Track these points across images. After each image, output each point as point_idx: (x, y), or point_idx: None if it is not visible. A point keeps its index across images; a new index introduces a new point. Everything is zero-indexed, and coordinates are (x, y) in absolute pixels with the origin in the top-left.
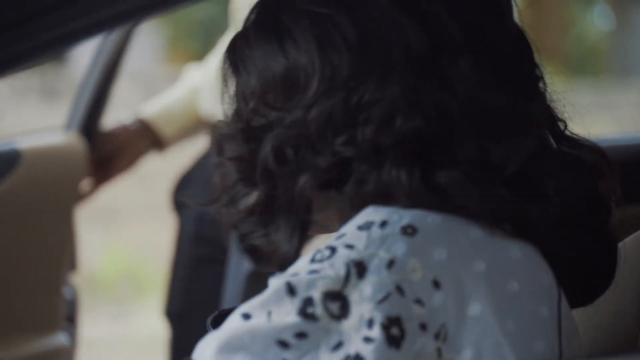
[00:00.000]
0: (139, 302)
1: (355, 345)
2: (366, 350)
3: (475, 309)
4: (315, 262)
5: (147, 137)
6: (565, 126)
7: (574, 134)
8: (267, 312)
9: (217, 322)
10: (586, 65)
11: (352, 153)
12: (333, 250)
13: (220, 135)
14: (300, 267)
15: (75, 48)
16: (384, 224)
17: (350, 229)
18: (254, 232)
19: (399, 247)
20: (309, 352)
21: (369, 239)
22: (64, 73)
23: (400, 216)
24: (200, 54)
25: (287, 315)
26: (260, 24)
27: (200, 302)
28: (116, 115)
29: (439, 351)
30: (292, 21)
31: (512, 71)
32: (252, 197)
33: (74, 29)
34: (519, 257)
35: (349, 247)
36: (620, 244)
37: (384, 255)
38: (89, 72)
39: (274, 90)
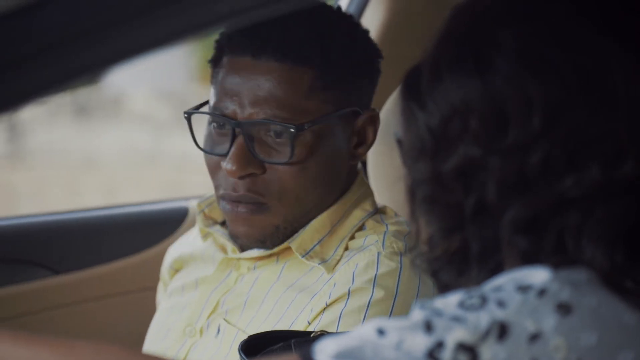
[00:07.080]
0: None
1: None
2: None
3: None
4: (463, 309)
5: None
6: None
7: None
8: (400, 337)
9: (248, 348)
10: None
11: (579, 194)
12: (484, 301)
13: (414, 179)
14: (446, 307)
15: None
16: (542, 293)
17: (509, 285)
18: (446, 273)
19: (548, 322)
20: None
21: (522, 304)
22: (95, 91)
23: (560, 288)
24: None
25: (416, 348)
26: (456, 57)
27: None
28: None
29: None
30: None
31: None
32: (447, 245)
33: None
34: None
35: (500, 305)
36: None
37: (530, 326)
38: None
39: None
